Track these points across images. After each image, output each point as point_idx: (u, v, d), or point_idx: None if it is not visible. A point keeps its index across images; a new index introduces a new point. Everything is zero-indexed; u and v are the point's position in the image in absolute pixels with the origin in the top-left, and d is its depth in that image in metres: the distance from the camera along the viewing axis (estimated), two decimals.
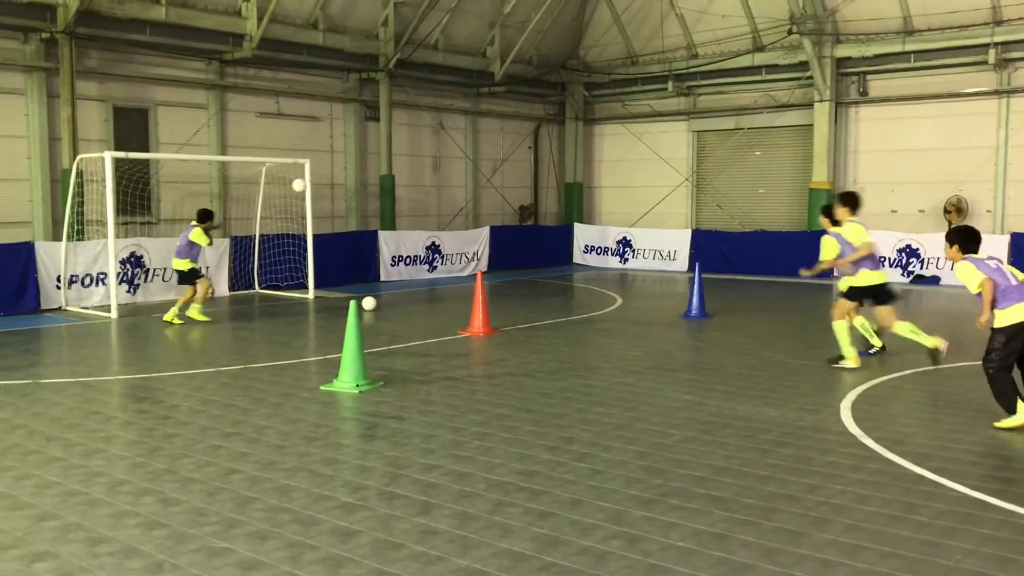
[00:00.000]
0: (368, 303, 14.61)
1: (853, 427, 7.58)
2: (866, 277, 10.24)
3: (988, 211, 20.37)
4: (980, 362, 7.55)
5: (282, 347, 11.78)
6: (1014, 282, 7.43)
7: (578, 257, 24.92)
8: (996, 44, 19.58)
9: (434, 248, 21.34)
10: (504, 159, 25.75)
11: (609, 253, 24.33)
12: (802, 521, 5.41)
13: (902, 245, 19.91)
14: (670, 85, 24.44)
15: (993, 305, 7.38)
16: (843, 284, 10.67)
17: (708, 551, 4.96)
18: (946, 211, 20.50)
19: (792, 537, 5.17)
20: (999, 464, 6.52)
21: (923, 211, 21.20)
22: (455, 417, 7.98)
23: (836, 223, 10.57)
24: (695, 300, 14.50)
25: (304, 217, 17.48)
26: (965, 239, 7.79)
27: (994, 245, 19.08)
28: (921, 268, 19.65)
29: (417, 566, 4.78)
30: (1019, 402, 7.29)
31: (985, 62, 19.77)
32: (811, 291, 18.42)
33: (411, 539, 5.15)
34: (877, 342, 10.87)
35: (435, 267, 21.31)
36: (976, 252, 7.77)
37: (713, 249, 21.94)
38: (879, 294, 10.31)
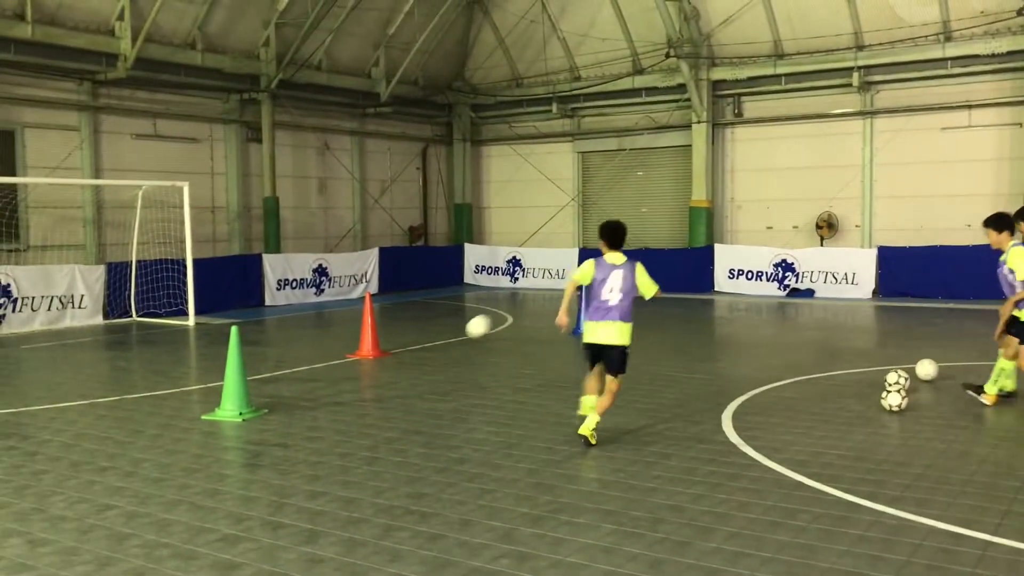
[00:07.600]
0: (477, 327, 9.20)
1: (734, 436, 7.81)
2: None
3: (857, 226, 21.40)
4: (848, 371, 7.86)
5: (161, 376, 11.35)
6: None
7: (469, 277, 24.97)
8: (859, 68, 20.66)
9: (321, 271, 21.01)
10: (392, 180, 25.62)
11: (500, 272, 24.47)
12: (687, 531, 5.52)
13: (778, 260, 20.70)
14: (554, 107, 24.83)
15: None
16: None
17: (596, 565, 5.01)
18: (818, 227, 21.44)
19: (677, 547, 5.26)
20: (870, 468, 6.82)
21: (797, 227, 22.11)
22: (342, 443, 7.84)
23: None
24: (583, 317, 14.66)
25: (184, 241, 16.95)
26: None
27: (862, 258, 20.11)
28: (796, 282, 20.45)
29: None
30: None
31: (850, 84, 20.82)
32: (696, 307, 18.91)
33: (297, 569, 5.02)
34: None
35: (323, 290, 20.98)
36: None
37: None
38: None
